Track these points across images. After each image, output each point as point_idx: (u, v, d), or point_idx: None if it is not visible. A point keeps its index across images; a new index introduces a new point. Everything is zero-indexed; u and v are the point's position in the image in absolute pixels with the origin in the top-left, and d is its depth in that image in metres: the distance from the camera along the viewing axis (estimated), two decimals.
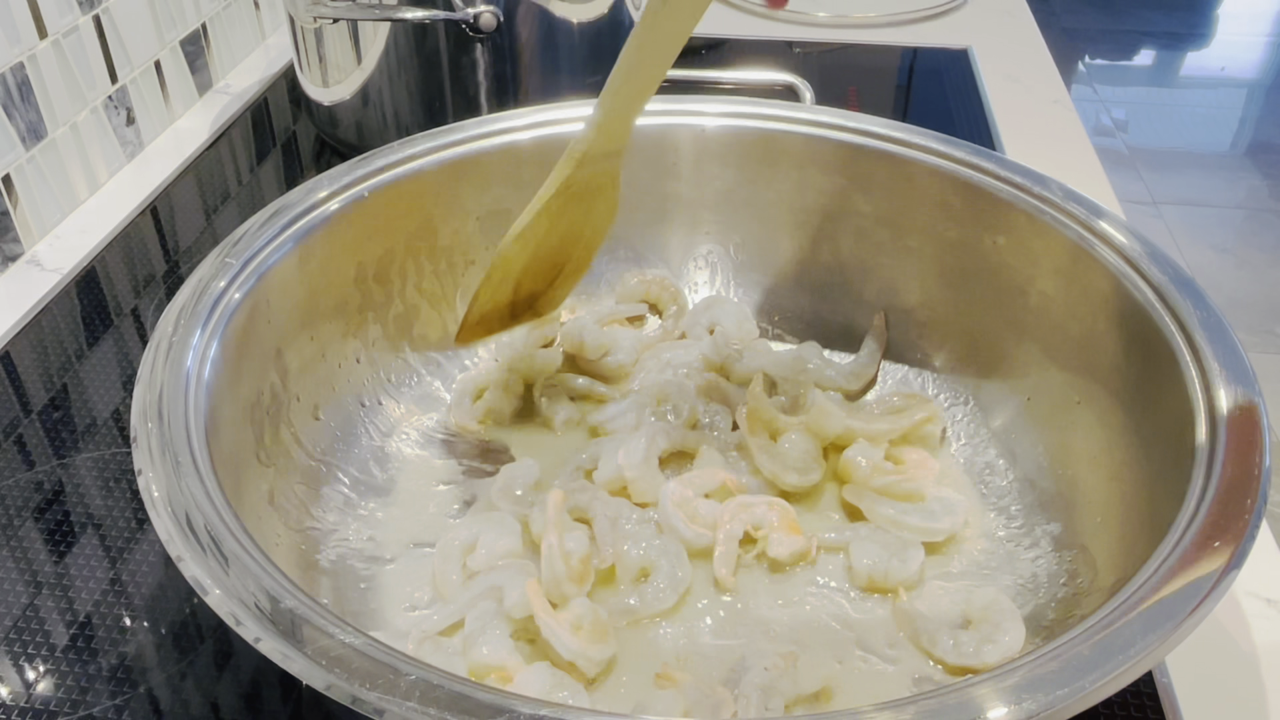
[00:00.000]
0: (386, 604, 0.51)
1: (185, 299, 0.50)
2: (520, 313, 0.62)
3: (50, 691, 0.48)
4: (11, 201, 0.77)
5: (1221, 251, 2.35)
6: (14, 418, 0.64)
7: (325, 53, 0.85)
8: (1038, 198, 0.57)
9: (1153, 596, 0.37)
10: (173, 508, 0.40)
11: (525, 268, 0.59)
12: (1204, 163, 2.73)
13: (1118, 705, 0.47)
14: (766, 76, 0.92)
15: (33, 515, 0.57)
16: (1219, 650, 0.50)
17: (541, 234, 0.57)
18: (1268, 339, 2.09)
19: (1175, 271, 0.51)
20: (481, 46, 0.81)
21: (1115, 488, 0.50)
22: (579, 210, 0.57)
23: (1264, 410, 0.44)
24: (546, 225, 0.57)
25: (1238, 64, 3.32)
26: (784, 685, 0.45)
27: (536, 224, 0.57)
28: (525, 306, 0.62)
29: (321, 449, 0.56)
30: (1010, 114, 0.97)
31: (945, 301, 0.62)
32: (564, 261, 0.60)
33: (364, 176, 0.59)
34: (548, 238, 0.58)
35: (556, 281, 0.61)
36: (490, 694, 0.33)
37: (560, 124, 0.64)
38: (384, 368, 0.61)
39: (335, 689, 0.34)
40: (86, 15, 0.82)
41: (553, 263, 0.60)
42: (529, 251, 0.58)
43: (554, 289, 0.62)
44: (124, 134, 0.89)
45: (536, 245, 0.58)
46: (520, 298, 0.61)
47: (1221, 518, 0.40)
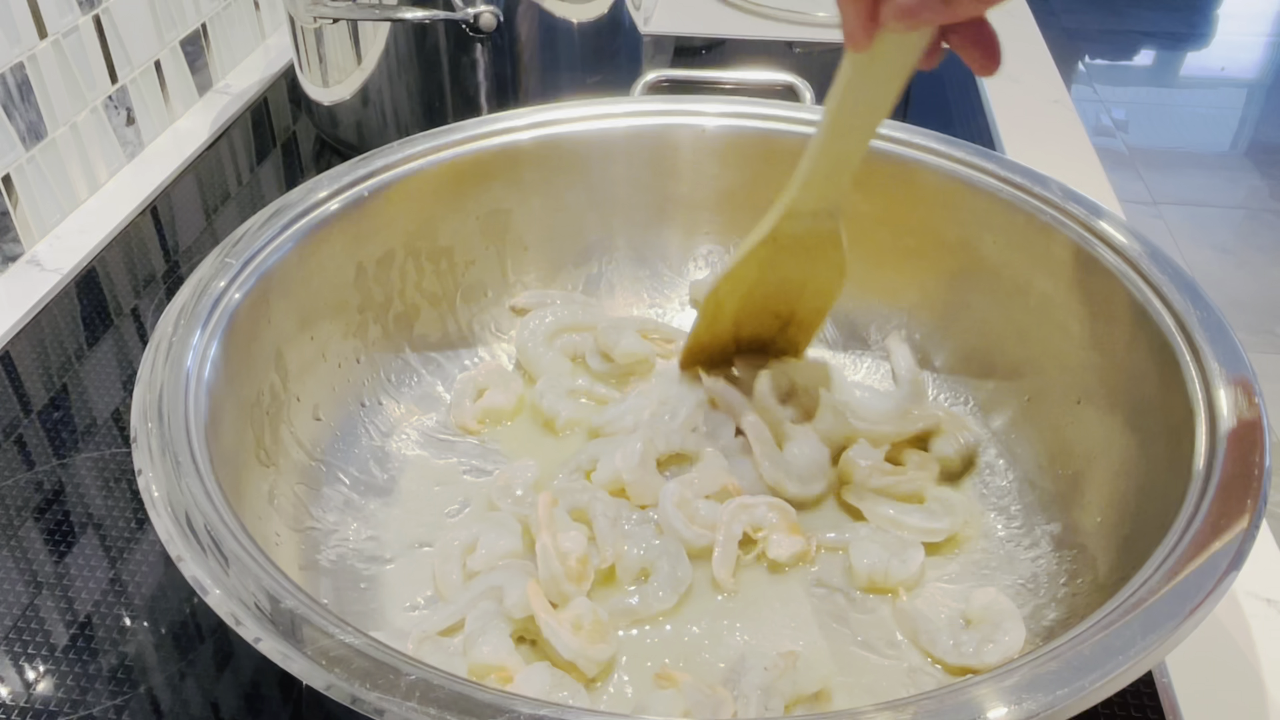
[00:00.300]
0: (386, 604, 0.51)
1: (185, 299, 0.50)
2: (749, 353, 0.62)
3: (50, 691, 0.48)
4: (11, 201, 0.77)
5: (1221, 251, 2.35)
6: (14, 418, 0.64)
7: (325, 53, 0.85)
8: (1038, 198, 0.57)
9: (1153, 596, 0.37)
10: (173, 508, 0.40)
11: (741, 310, 0.59)
12: (1204, 163, 2.73)
13: (1118, 705, 0.47)
14: (766, 76, 0.92)
15: (33, 515, 0.57)
16: (1219, 650, 0.50)
17: (753, 280, 0.57)
18: (1268, 339, 2.08)
19: (1175, 271, 0.51)
20: (481, 46, 0.81)
21: (1115, 488, 0.50)
22: (794, 264, 0.57)
23: (1264, 410, 0.44)
24: (756, 273, 0.57)
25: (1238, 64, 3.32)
26: (784, 685, 0.45)
27: (744, 269, 0.57)
28: (753, 350, 0.62)
29: (321, 449, 0.56)
30: (1010, 114, 0.97)
31: (945, 301, 0.62)
32: (788, 313, 0.60)
33: (364, 176, 0.59)
34: (761, 285, 0.58)
35: (786, 331, 0.61)
36: (490, 694, 0.33)
37: (560, 124, 0.64)
38: (384, 368, 0.61)
39: (335, 689, 0.34)
40: (86, 15, 0.82)
41: (773, 312, 0.60)
42: (740, 294, 0.58)
43: (784, 338, 0.62)
44: (124, 134, 0.89)
45: (749, 290, 0.58)
46: (744, 339, 0.61)
47: (1221, 518, 0.40)
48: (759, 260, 0.56)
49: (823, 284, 0.58)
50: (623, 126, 0.65)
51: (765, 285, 0.58)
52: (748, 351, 0.62)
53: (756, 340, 0.61)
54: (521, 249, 0.66)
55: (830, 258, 0.57)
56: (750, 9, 1.18)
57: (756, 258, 0.56)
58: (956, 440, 0.57)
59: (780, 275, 0.57)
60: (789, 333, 0.61)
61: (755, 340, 0.61)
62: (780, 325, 0.61)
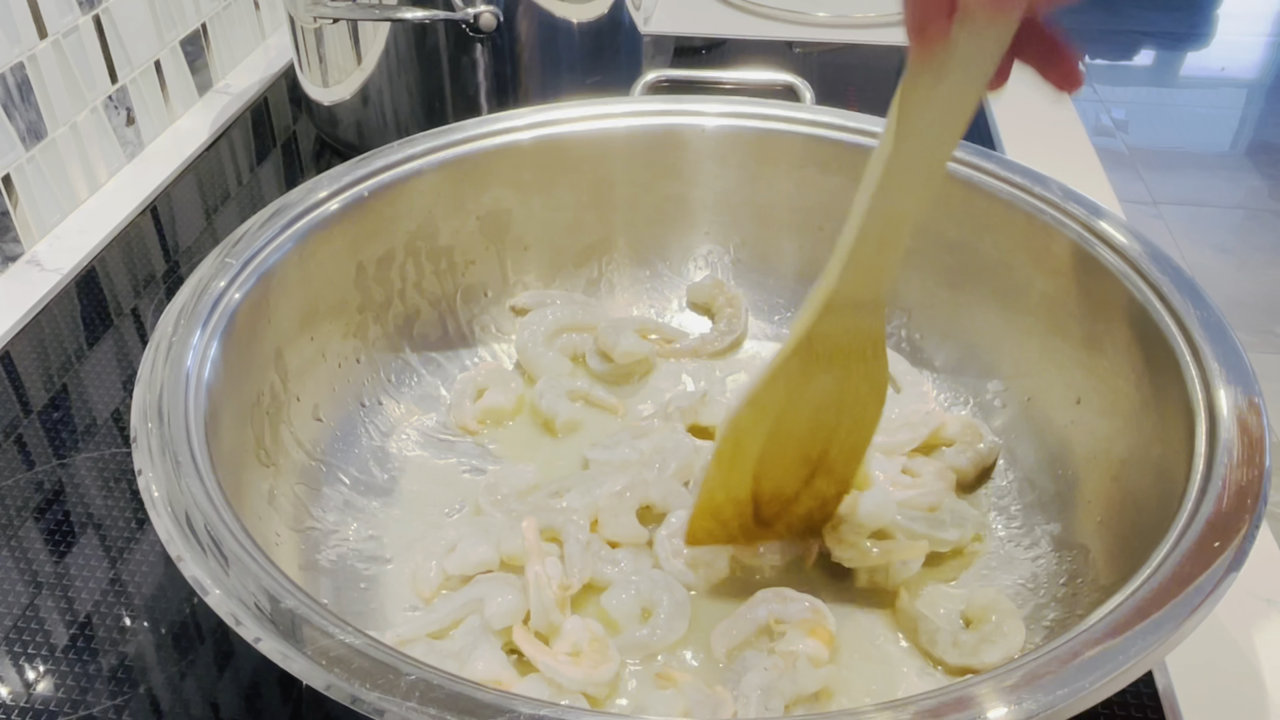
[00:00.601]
0: (386, 604, 0.51)
1: (185, 299, 0.50)
2: (769, 520, 0.51)
3: (50, 691, 0.48)
4: (11, 201, 0.77)
5: (1221, 251, 2.35)
6: (14, 418, 0.64)
7: (325, 53, 0.85)
8: (1038, 198, 0.57)
9: (1153, 596, 0.37)
10: (173, 508, 0.40)
11: (765, 451, 0.48)
12: (1204, 163, 2.73)
13: (1118, 705, 0.47)
14: (766, 76, 0.92)
15: (33, 515, 0.57)
16: (1219, 650, 0.50)
17: (782, 404, 0.47)
18: (1268, 339, 2.08)
19: (1175, 271, 0.51)
20: (481, 46, 0.81)
21: (1115, 488, 0.50)
22: (830, 381, 0.47)
23: (1264, 410, 0.44)
24: (786, 393, 0.47)
25: (1238, 64, 3.32)
26: (784, 685, 0.45)
27: (772, 388, 0.47)
28: (774, 512, 0.51)
29: (321, 449, 0.56)
30: (1010, 114, 0.97)
31: (945, 301, 0.62)
32: (818, 455, 0.49)
33: (364, 176, 0.59)
34: (791, 414, 0.47)
35: (813, 483, 0.50)
36: (490, 694, 0.34)
37: (560, 124, 0.64)
38: (384, 368, 0.61)
39: (335, 689, 0.34)
40: (86, 15, 0.82)
41: (801, 454, 0.49)
42: (766, 427, 0.47)
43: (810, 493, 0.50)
44: (124, 134, 0.89)
45: (777, 420, 0.47)
46: (765, 496, 0.50)
47: (1221, 518, 0.40)
48: (790, 376, 0.46)
49: (862, 411, 0.48)
50: (623, 126, 0.65)
51: (795, 415, 0.47)
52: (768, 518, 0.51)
53: (778, 498, 0.50)
54: (521, 249, 0.66)
55: (871, 372, 0.47)
56: (750, 9, 1.18)
57: (786, 374, 0.46)
58: (972, 449, 0.57)
59: (813, 399, 0.47)
60: (817, 485, 0.50)
61: (776, 498, 0.50)
62: (809, 473, 0.50)
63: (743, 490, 0.49)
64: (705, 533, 0.51)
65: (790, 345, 0.46)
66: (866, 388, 0.48)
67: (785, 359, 0.46)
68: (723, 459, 0.49)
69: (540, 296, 0.66)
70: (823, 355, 0.46)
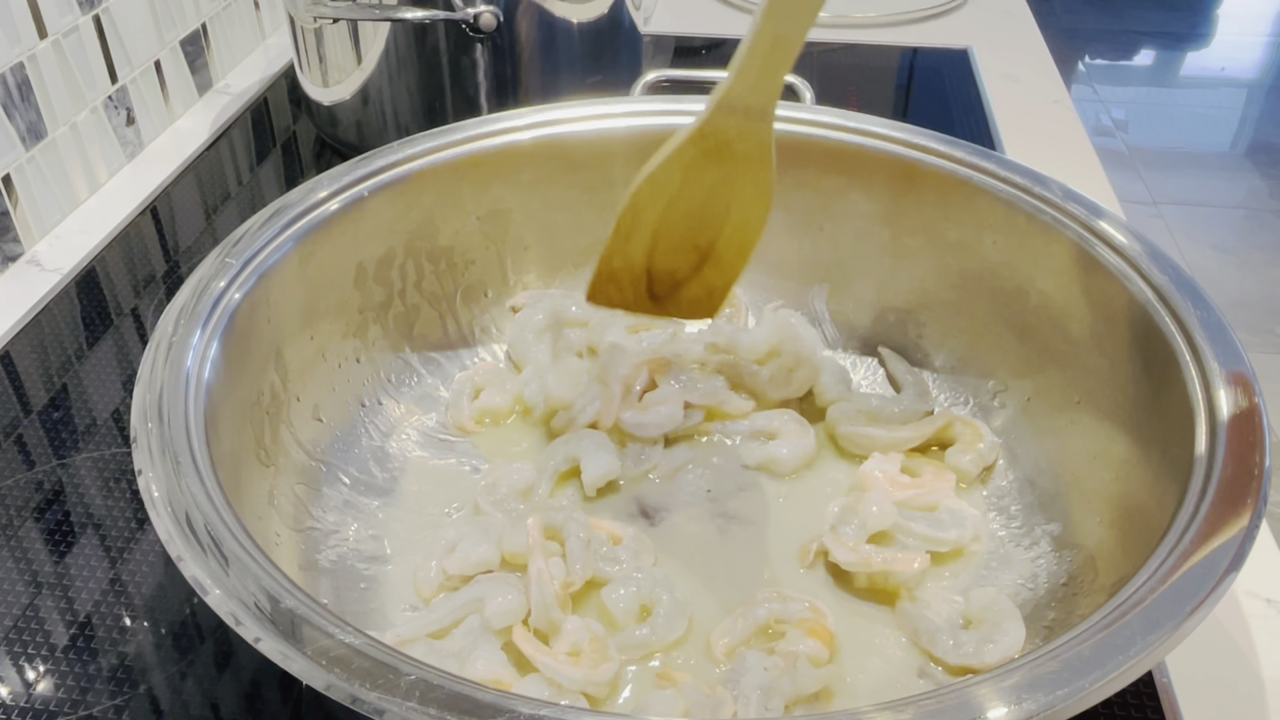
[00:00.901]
0: (386, 604, 0.51)
1: (185, 299, 0.50)
2: (661, 297, 0.57)
3: (50, 691, 0.48)
4: (11, 201, 0.77)
5: (1221, 251, 2.35)
6: (14, 418, 0.64)
7: (325, 53, 0.85)
8: (1038, 198, 0.57)
9: (1153, 596, 0.37)
10: (173, 508, 0.40)
11: (659, 226, 0.54)
12: (1204, 163, 2.73)
13: (1118, 705, 0.47)
14: None
15: (33, 515, 0.57)
16: (1219, 650, 0.50)
17: (675, 188, 0.53)
18: (1268, 339, 2.08)
19: (1175, 271, 0.51)
20: (481, 46, 0.81)
21: (1115, 488, 0.50)
22: (720, 175, 0.52)
23: (1264, 410, 0.44)
24: (680, 177, 0.52)
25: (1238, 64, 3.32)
26: (784, 685, 0.45)
27: (667, 171, 0.52)
28: (666, 290, 0.57)
29: (321, 449, 0.56)
30: (1010, 114, 0.97)
31: (945, 301, 0.62)
32: (707, 245, 0.55)
33: (364, 176, 0.59)
34: (683, 197, 0.53)
35: (702, 271, 0.56)
36: (490, 694, 0.34)
37: (560, 124, 0.64)
38: (384, 368, 0.61)
39: (335, 689, 0.34)
40: (86, 15, 0.82)
41: (692, 240, 0.55)
42: (661, 205, 0.53)
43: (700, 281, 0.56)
44: (124, 134, 0.89)
45: (670, 201, 0.53)
46: (658, 272, 0.56)
47: (1221, 518, 0.40)
48: (683, 162, 0.52)
49: (748, 211, 0.54)
50: (623, 126, 0.65)
51: (687, 200, 0.53)
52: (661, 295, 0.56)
53: (670, 276, 0.56)
54: (521, 249, 0.66)
55: (758, 176, 0.53)
56: (750, 9, 1.18)
57: (681, 159, 0.52)
58: (974, 449, 0.57)
59: (704, 188, 0.53)
60: (705, 274, 0.56)
61: (669, 276, 0.56)
62: (698, 260, 0.55)
63: (638, 260, 0.55)
64: (604, 296, 0.56)
65: (687, 134, 0.51)
66: (752, 189, 0.53)
67: (681, 146, 0.51)
68: (621, 227, 0.54)
69: (539, 296, 0.66)
70: (713, 149, 0.52)
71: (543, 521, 0.51)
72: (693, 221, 0.54)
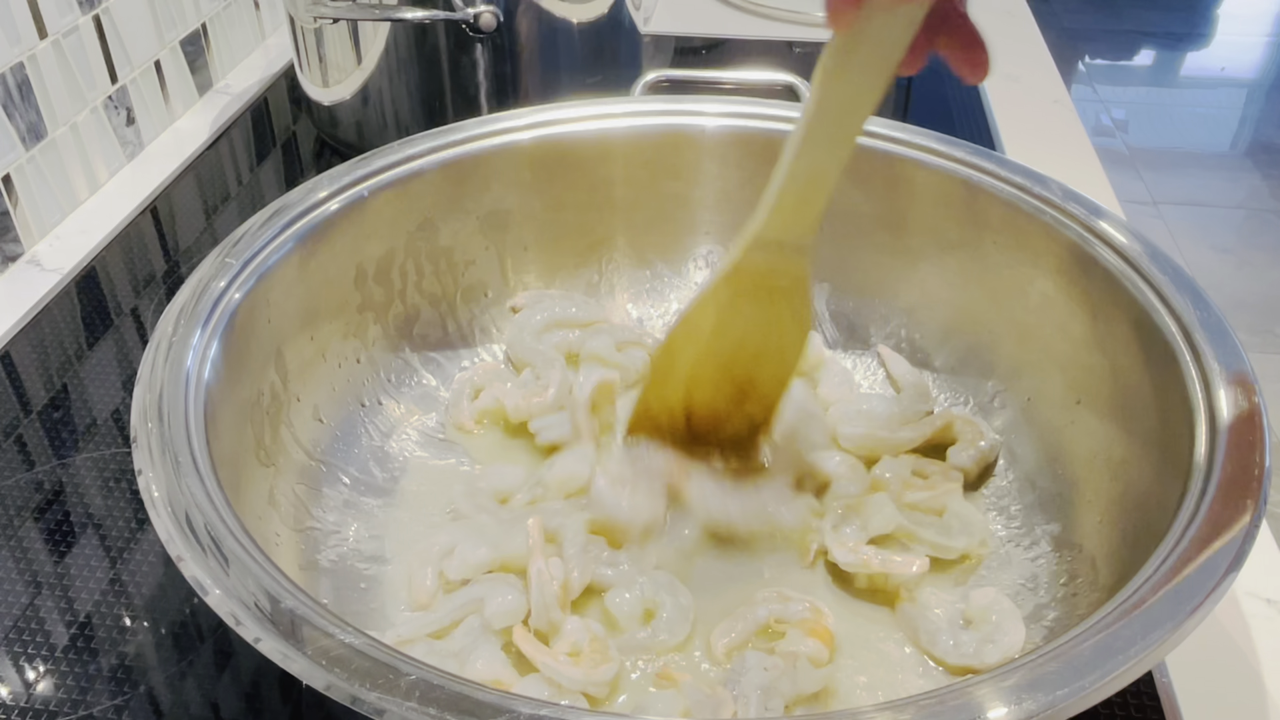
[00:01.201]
0: (386, 604, 0.51)
1: (185, 299, 0.50)
2: (703, 435, 0.55)
3: (50, 691, 0.48)
4: (11, 201, 0.77)
5: (1221, 251, 2.35)
6: (14, 418, 0.64)
7: (325, 53, 0.85)
8: (1038, 198, 0.57)
9: (1153, 596, 0.37)
10: (173, 508, 0.40)
11: (696, 368, 0.53)
12: (1204, 163, 2.73)
13: (1118, 705, 0.47)
14: (766, 76, 0.92)
15: (33, 515, 0.57)
16: (1219, 650, 0.50)
17: (710, 328, 0.52)
18: (1268, 339, 2.09)
19: (1175, 271, 0.51)
20: (481, 46, 0.81)
21: (1115, 488, 0.50)
22: (756, 311, 0.51)
23: (1264, 410, 0.44)
24: (715, 318, 0.51)
25: (1238, 64, 3.32)
26: (784, 685, 0.45)
27: (702, 312, 0.51)
28: (707, 428, 0.55)
29: (321, 449, 0.56)
30: (1010, 114, 0.97)
31: (945, 301, 0.62)
32: (746, 380, 0.54)
33: (364, 176, 0.59)
34: (719, 337, 0.52)
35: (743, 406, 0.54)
36: (490, 694, 0.33)
37: (560, 124, 0.64)
38: (384, 368, 0.61)
39: (335, 689, 0.34)
40: (86, 15, 0.82)
41: (730, 377, 0.53)
42: (697, 347, 0.52)
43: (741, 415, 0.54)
44: (124, 134, 0.89)
45: (706, 342, 0.52)
46: (698, 411, 0.54)
47: (1221, 518, 0.39)
48: (719, 302, 0.51)
49: (786, 343, 0.53)
50: (623, 126, 0.65)
51: (724, 338, 0.52)
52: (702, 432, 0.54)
53: (710, 415, 0.54)
54: (521, 249, 0.66)
55: (796, 308, 0.51)
56: (750, 9, 1.18)
57: (716, 299, 0.51)
58: (974, 447, 0.57)
59: (741, 326, 0.52)
60: (746, 409, 0.54)
61: (709, 415, 0.54)
62: (737, 397, 0.54)
63: (675, 401, 0.54)
64: (643, 433, 0.54)
65: (720, 275, 0.50)
66: (790, 322, 0.52)
67: (715, 286, 0.50)
68: (658, 370, 0.53)
69: (540, 296, 0.66)
70: (748, 289, 0.50)
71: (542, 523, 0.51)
72: (730, 359, 0.53)
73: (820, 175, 0.47)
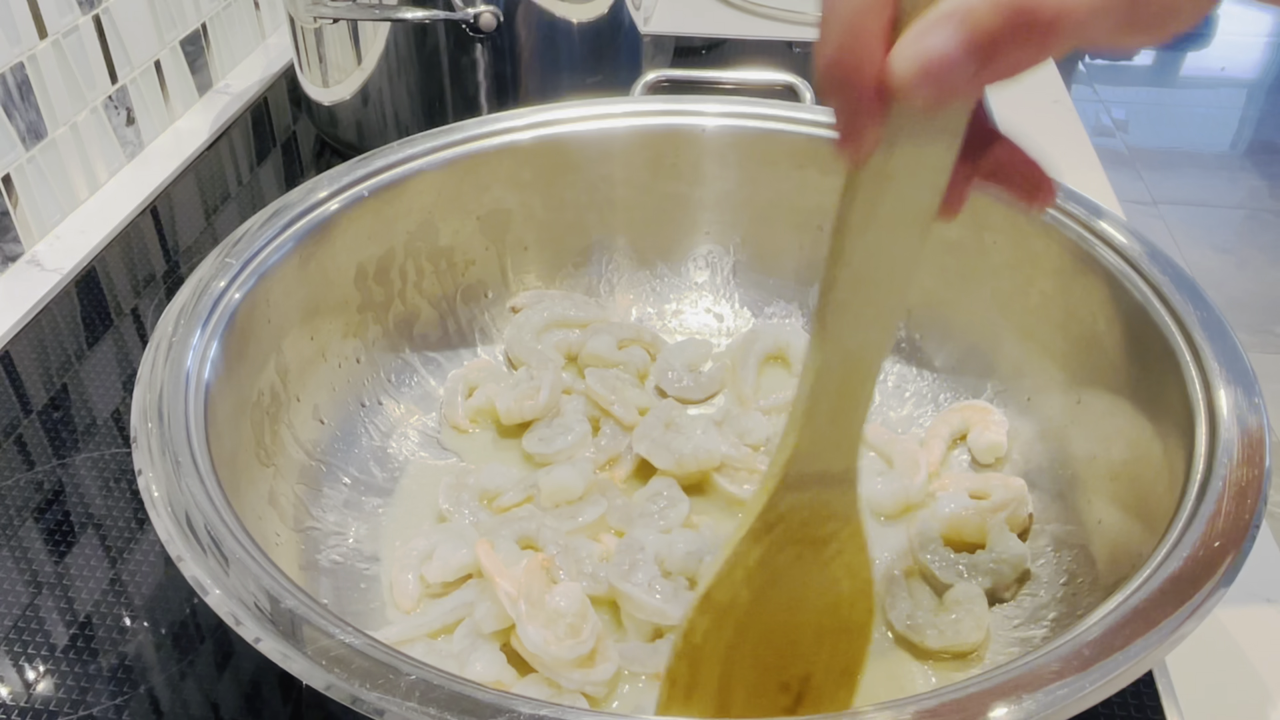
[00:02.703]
0: (387, 604, 0.51)
1: (185, 299, 0.50)
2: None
3: (50, 691, 0.48)
4: (11, 201, 0.77)
5: (1221, 251, 2.35)
6: (14, 418, 0.64)
7: (325, 53, 0.85)
8: None
9: (1153, 596, 0.37)
10: (173, 508, 0.40)
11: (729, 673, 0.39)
12: (1204, 163, 2.73)
13: (1118, 705, 0.47)
14: (766, 76, 0.92)
15: (33, 515, 0.57)
16: (1219, 650, 0.50)
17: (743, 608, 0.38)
18: (1268, 339, 2.08)
19: (1175, 271, 0.51)
20: (481, 46, 0.81)
21: (1115, 488, 0.50)
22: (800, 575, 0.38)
23: (1264, 410, 0.44)
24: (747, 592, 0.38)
25: (1238, 64, 3.32)
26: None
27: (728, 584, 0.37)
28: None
29: (321, 449, 0.56)
30: (1010, 114, 0.96)
31: (945, 301, 0.62)
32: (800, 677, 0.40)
33: (364, 176, 0.59)
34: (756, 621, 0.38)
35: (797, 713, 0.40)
36: (490, 694, 0.33)
37: (560, 124, 0.64)
38: (384, 368, 0.61)
39: (335, 689, 0.34)
40: (86, 15, 0.82)
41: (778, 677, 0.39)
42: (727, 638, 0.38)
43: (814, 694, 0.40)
44: (124, 134, 0.89)
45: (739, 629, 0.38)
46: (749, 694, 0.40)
47: (1221, 518, 0.39)
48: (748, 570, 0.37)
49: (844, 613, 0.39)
50: (623, 126, 0.65)
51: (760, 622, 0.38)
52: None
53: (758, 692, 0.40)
54: (521, 249, 0.66)
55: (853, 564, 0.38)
56: (750, 9, 1.18)
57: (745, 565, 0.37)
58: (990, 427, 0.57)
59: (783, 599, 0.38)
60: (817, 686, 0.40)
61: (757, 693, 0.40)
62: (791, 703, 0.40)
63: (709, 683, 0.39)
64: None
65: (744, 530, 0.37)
66: (849, 583, 0.39)
67: (740, 547, 0.37)
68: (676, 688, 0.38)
69: (539, 296, 0.66)
70: (785, 544, 0.37)
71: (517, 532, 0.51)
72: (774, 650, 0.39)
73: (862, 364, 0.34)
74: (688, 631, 0.38)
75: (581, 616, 0.45)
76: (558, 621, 0.45)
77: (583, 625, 0.45)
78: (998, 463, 0.57)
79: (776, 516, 0.36)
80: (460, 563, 0.50)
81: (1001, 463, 0.57)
